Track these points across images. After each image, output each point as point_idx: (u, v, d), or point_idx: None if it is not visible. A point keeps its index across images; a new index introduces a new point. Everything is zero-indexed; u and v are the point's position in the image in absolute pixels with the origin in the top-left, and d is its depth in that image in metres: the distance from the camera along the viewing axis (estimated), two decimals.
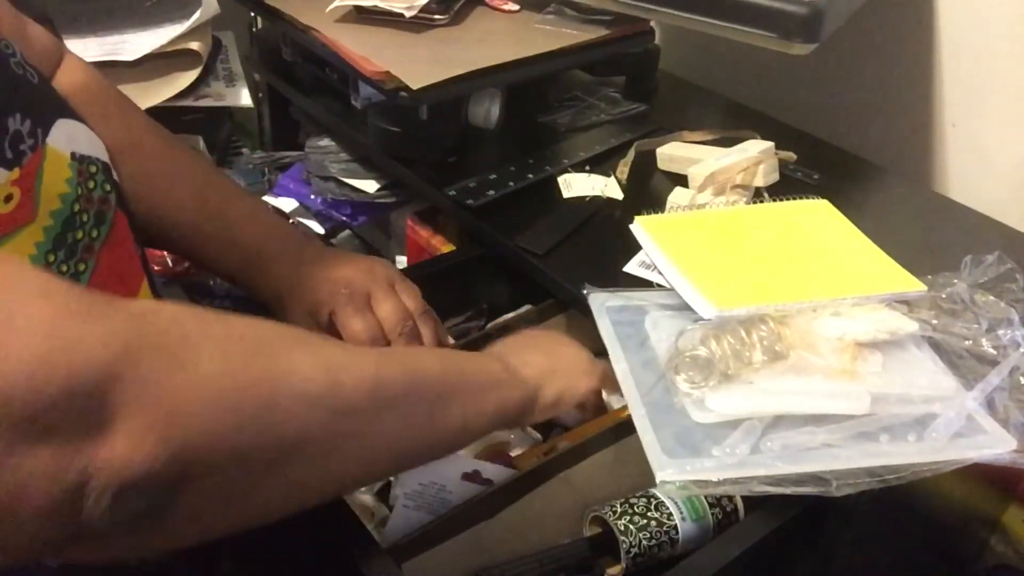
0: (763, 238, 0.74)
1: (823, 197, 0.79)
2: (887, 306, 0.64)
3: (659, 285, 0.70)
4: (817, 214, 0.77)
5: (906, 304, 0.65)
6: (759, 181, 0.82)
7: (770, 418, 0.55)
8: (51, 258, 0.48)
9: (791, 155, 0.87)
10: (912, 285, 0.66)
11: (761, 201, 0.80)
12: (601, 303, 0.67)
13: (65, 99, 0.55)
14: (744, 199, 0.80)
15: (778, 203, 0.78)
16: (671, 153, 0.87)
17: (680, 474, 0.52)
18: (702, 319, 0.63)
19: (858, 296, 0.64)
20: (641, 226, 0.75)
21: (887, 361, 0.60)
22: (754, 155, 0.82)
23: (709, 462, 0.53)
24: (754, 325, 0.60)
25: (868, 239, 0.73)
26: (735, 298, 0.64)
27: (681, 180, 0.84)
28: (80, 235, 0.50)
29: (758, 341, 0.59)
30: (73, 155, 0.51)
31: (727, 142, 0.88)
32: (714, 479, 0.52)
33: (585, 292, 0.68)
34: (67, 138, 0.51)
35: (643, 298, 0.67)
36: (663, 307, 0.66)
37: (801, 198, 0.79)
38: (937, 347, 0.63)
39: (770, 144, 0.85)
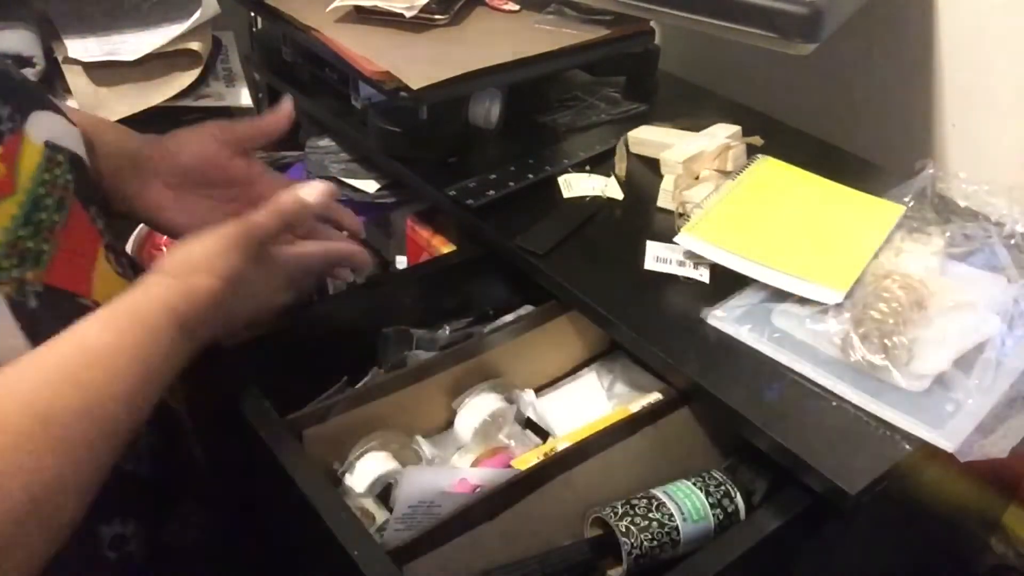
0: (790, 211, 0.77)
1: None
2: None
3: (686, 278, 0.71)
4: (775, 172, 0.82)
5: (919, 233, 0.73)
6: (728, 166, 0.84)
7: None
8: (21, 233, 0.52)
9: (758, 139, 0.88)
10: (894, 209, 0.76)
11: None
12: (726, 319, 0.65)
13: (44, 93, 0.60)
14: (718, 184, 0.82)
15: (749, 172, 0.81)
16: (641, 137, 0.89)
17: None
18: (822, 303, 0.65)
19: (886, 233, 0.72)
20: (693, 236, 0.72)
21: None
22: (722, 140, 0.84)
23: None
24: (880, 287, 0.63)
25: (823, 178, 0.82)
26: (839, 274, 0.67)
27: None
28: (44, 217, 0.54)
29: (902, 297, 0.62)
30: (47, 143, 0.56)
31: (695, 127, 0.90)
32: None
33: (701, 316, 0.66)
34: (44, 128, 0.56)
35: (746, 300, 0.68)
36: (767, 300, 0.68)
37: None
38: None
39: (737, 128, 0.88)
